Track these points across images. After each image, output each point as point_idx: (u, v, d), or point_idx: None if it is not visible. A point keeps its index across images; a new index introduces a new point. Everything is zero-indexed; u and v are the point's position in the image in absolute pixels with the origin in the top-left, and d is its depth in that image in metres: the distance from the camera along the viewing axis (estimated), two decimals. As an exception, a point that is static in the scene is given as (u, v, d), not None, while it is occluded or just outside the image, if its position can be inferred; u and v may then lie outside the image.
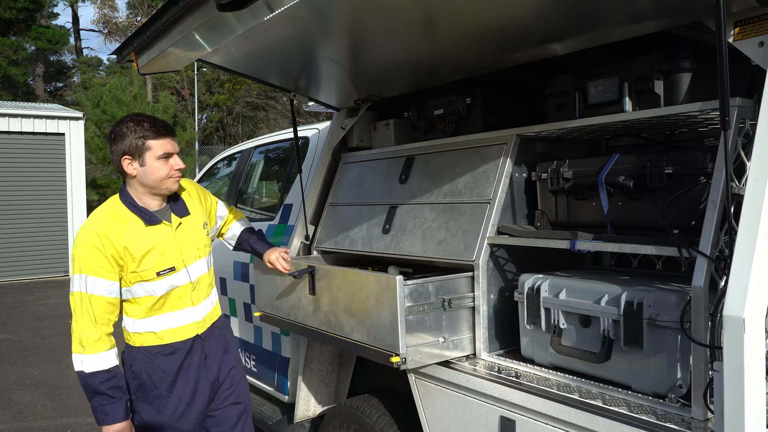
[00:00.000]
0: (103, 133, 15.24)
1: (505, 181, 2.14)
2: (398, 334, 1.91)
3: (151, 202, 2.18)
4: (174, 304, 2.19)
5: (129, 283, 2.11)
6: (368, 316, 2.05)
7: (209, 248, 2.38)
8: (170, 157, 2.15)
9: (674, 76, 1.79)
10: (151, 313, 2.16)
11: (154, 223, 2.16)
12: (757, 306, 1.27)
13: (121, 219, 2.12)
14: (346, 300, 2.17)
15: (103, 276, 2.06)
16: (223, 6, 1.60)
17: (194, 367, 2.23)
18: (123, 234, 2.08)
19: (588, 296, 1.80)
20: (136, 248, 2.09)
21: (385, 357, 1.96)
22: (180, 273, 2.19)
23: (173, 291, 2.19)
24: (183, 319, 2.21)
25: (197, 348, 2.25)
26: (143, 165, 2.11)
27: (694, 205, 1.67)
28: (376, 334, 2.01)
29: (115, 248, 2.06)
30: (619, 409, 1.58)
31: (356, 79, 2.75)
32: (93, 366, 2.03)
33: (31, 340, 7.01)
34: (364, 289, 2.07)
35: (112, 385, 2.06)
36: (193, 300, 2.25)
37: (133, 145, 2.09)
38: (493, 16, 1.90)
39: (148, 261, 2.11)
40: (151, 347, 2.17)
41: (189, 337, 2.22)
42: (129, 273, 2.10)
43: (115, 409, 2.06)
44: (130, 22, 28.69)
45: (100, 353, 2.04)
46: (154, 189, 2.16)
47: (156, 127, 2.13)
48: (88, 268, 2.05)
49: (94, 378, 2.03)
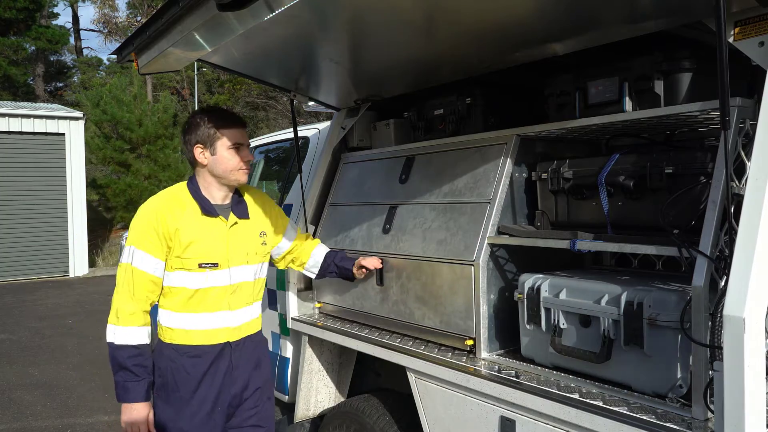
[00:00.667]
0: (103, 133, 15.25)
1: (505, 181, 2.14)
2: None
3: (216, 194, 2.20)
4: (210, 305, 2.15)
5: (170, 268, 2.11)
6: (441, 303, 2.20)
7: (261, 259, 2.31)
8: (240, 147, 2.17)
9: (674, 76, 1.79)
10: (186, 309, 2.13)
11: (210, 214, 2.16)
12: (757, 306, 1.27)
13: (181, 203, 2.15)
14: (418, 289, 2.30)
15: (151, 252, 2.07)
16: (223, 6, 1.60)
17: (220, 374, 2.17)
18: (178, 217, 2.10)
19: (588, 296, 1.80)
20: (186, 233, 2.09)
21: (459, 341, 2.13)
22: (222, 272, 2.16)
23: (211, 290, 2.15)
24: (216, 322, 2.16)
25: (226, 355, 2.18)
26: (214, 154, 2.15)
27: (694, 205, 1.67)
28: (450, 320, 2.16)
29: (167, 228, 2.07)
30: (619, 409, 1.58)
31: (356, 79, 2.75)
32: (123, 339, 2.03)
33: (31, 340, 7.01)
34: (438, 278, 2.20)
35: (137, 362, 2.04)
36: (231, 304, 2.19)
37: (206, 134, 2.14)
38: (494, 15, 1.90)
39: (194, 249, 2.10)
40: (180, 346, 2.14)
41: (219, 342, 2.17)
42: (173, 257, 2.10)
43: (137, 387, 2.04)
44: (130, 22, 28.68)
45: (133, 327, 2.04)
46: (223, 179, 2.18)
47: (227, 118, 2.18)
48: (138, 241, 2.08)
49: (122, 351, 2.02)
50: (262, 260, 2.32)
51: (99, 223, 15.71)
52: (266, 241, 2.33)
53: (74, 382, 5.42)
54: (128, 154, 15.14)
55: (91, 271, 12.55)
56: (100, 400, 4.93)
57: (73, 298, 9.74)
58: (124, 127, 14.98)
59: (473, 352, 2.09)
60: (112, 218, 15.90)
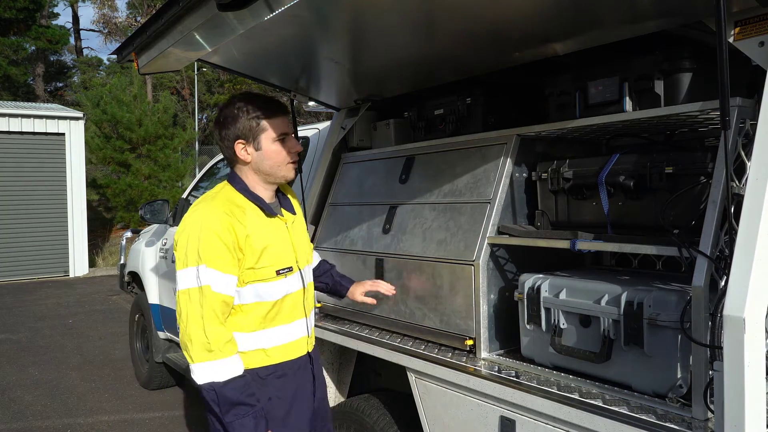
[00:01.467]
0: (103, 133, 15.25)
1: (505, 181, 2.14)
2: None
3: (264, 193, 1.92)
4: (287, 315, 1.89)
5: (242, 283, 1.81)
6: (441, 303, 2.19)
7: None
8: (286, 138, 1.89)
9: (674, 76, 1.79)
10: (264, 325, 1.85)
11: (271, 214, 1.90)
12: (757, 306, 1.27)
13: (239, 206, 1.84)
14: (418, 289, 2.29)
15: (224, 269, 1.75)
16: (223, 6, 1.60)
17: (308, 392, 1.93)
18: (244, 221, 1.80)
19: (588, 296, 1.80)
20: (257, 240, 1.81)
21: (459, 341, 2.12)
22: (295, 275, 1.92)
23: (287, 298, 1.89)
24: (294, 333, 1.91)
25: (307, 368, 1.95)
26: (259, 149, 1.86)
27: (694, 205, 1.67)
28: (450, 320, 2.16)
29: (237, 236, 1.76)
30: (619, 409, 1.58)
31: (356, 79, 2.75)
32: (228, 372, 1.71)
33: (31, 340, 7.01)
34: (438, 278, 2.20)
35: (249, 392, 1.74)
36: (306, 310, 1.95)
37: (247, 126, 1.85)
38: (494, 15, 1.90)
39: (268, 257, 1.83)
40: (261, 369, 1.84)
41: (300, 355, 1.93)
42: (245, 270, 1.80)
43: (257, 416, 1.74)
44: (130, 22, 28.68)
45: (234, 356, 1.74)
46: (269, 176, 1.90)
47: (269, 105, 1.88)
48: (209, 259, 1.73)
49: (230, 386, 1.70)
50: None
51: (99, 223, 15.71)
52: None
53: (74, 382, 5.42)
54: (128, 154, 15.14)
55: (91, 271, 12.55)
56: (100, 400, 4.93)
57: (73, 298, 9.74)
58: (124, 127, 14.98)
59: (473, 352, 2.09)
60: (112, 218, 15.90)
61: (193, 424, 4.38)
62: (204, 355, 1.71)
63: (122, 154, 15.07)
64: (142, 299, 5.09)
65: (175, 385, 5.15)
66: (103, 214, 16.48)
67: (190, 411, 4.65)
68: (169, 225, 4.79)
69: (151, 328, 4.90)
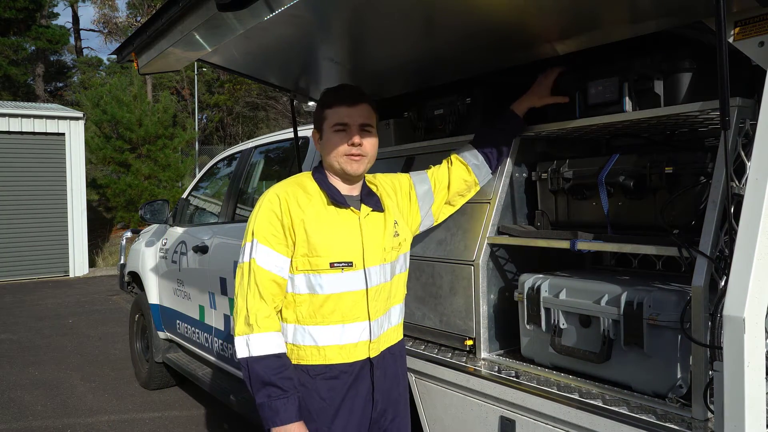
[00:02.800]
0: (103, 133, 15.26)
1: (505, 181, 2.14)
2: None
3: (339, 184, 1.86)
4: (345, 314, 1.78)
5: (295, 270, 1.76)
6: (441, 303, 2.18)
7: (398, 253, 1.93)
8: (347, 129, 1.80)
9: (674, 76, 1.79)
10: (316, 321, 1.77)
11: (339, 204, 1.81)
12: (757, 306, 1.27)
13: (307, 190, 1.82)
14: (418, 289, 2.27)
15: (276, 248, 1.74)
16: (223, 6, 1.60)
17: (360, 399, 1.81)
18: (305, 205, 1.78)
19: (588, 296, 1.80)
20: (313, 226, 1.76)
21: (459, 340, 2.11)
22: (356, 273, 1.79)
23: (345, 296, 1.78)
24: (353, 335, 1.79)
25: (365, 375, 1.82)
26: (322, 138, 1.86)
27: (694, 205, 1.67)
28: (450, 320, 2.15)
29: (292, 218, 1.75)
30: (619, 409, 1.58)
31: (356, 79, 2.74)
32: (262, 348, 1.67)
33: (31, 340, 7.01)
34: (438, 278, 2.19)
35: (283, 375, 1.67)
36: (370, 313, 1.81)
37: (317, 116, 1.88)
38: (494, 15, 1.90)
39: (323, 246, 1.75)
40: (311, 366, 1.77)
41: (358, 359, 1.80)
42: (298, 255, 1.75)
43: (287, 405, 1.66)
44: (130, 22, 28.68)
45: (271, 332, 1.70)
46: (330, 168, 1.85)
47: (337, 94, 1.86)
48: (260, 235, 1.74)
49: (262, 364, 1.66)
50: (398, 254, 1.94)
51: (99, 223, 15.71)
52: (399, 230, 1.94)
53: (74, 382, 5.42)
54: (128, 154, 15.15)
55: (91, 271, 12.55)
56: (100, 400, 4.93)
57: (73, 298, 9.74)
58: (124, 127, 14.99)
59: (473, 353, 2.09)
60: (112, 218, 15.90)
61: (193, 424, 4.38)
62: (243, 329, 1.70)
63: (122, 154, 15.08)
64: (142, 299, 5.09)
65: (175, 385, 5.15)
66: (103, 214, 16.48)
67: (190, 411, 4.65)
68: (169, 225, 4.79)
69: (151, 328, 4.90)
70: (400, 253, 1.95)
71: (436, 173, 2.12)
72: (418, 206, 2.06)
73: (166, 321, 4.75)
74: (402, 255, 1.96)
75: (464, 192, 2.13)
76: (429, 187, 2.09)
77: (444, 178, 2.10)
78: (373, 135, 1.86)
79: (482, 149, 2.10)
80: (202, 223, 4.57)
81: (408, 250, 2.02)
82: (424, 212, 2.08)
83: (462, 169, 2.10)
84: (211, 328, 3.99)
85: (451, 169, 2.11)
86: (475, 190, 2.15)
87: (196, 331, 4.22)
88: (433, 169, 2.14)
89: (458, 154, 2.13)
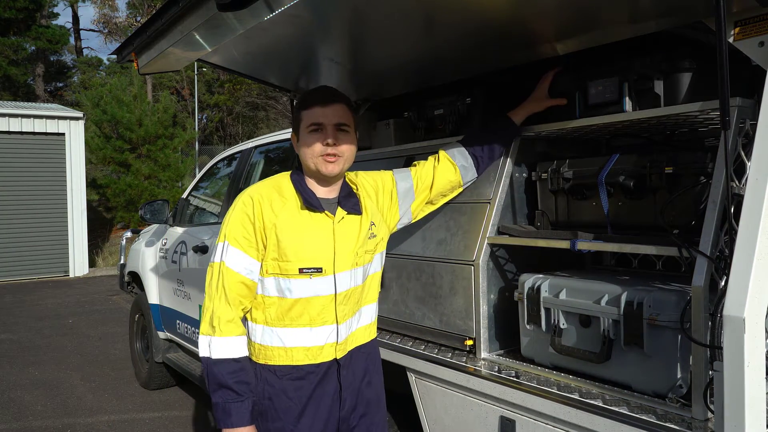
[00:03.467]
0: (103, 133, 15.26)
1: (505, 181, 2.14)
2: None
3: (316, 188, 1.86)
4: (313, 317, 1.80)
5: (265, 273, 1.78)
6: (441, 303, 2.18)
7: (372, 256, 1.92)
8: (321, 129, 1.79)
9: (674, 76, 1.79)
10: (284, 323, 1.80)
11: (313, 208, 1.81)
12: (757, 306, 1.27)
13: (282, 193, 1.82)
14: (418, 289, 2.27)
15: (246, 250, 1.75)
16: (223, 6, 1.61)
17: (327, 399, 1.84)
18: (278, 209, 1.78)
19: (588, 296, 1.80)
20: (285, 231, 1.76)
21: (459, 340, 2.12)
22: (325, 279, 1.79)
23: (313, 300, 1.79)
24: (320, 338, 1.81)
25: (332, 375, 1.85)
26: (299, 140, 1.85)
27: (694, 205, 1.67)
28: (450, 320, 2.16)
29: (264, 222, 1.76)
30: (619, 409, 1.58)
31: (356, 79, 2.75)
32: (221, 352, 1.72)
33: (31, 340, 7.01)
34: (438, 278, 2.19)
35: (239, 378, 1.72)
36: (338, 316, 1.83)
37: (294, 118, 1.88)
38: (494, 15, 1.90)
39: (293, 251, 1.76)
40: (278, 367, 1.80)
41: (325, 360, 1.83)
42: (269, 259, 1.77)
43: (240, 409, 1.71)
44: (130, 22, 28.69)
45: (231, 337, 1.73)
46: (307, 169, 1.84)
47: (312, 95, 1.86)
48: (232, 236, 1.76)
49: (220, 367, 1.71)
50: (372, 257, 1.93)
51: (99, 223, 15.72)
52: (375, 231, 1.93)
53: (74, 382, 5.42)
54: (128, 154, 15.15)
55: (91, 271, 12.56)
56: (100, 400, 4.93)
57: (73, 298, 9.74)
58: (124, 127, 15.00)
59: (473, 353, 2.09)
60: (112, 218, 15.91)
61: (193, 424, 4.38)
62: (207, 329, 1.75)
63: (122, 154, 15.09)
64: (142, 299, 5.09)
65: (175, 385, 5.15)
66: (103, 214, 16.49)
67: (190, 411, 4.65)
68: (169, 225, 4.79)
69: (151, 328, 4.90)
70: (376, 253, 1.95)
71: (420, 171, 2.10)
72: (398, 205, 2.05)
73: (166, 321, 4.75)
74: (377, 255, 1.97)
75: (447, 192, 2.13)
76: (411, 185, 2.07)
77: (428, 177, 2.08)
78: (349, 135, 1.84)
79: (473, 151, 2.10)
80: (202, 223, 4.57)
81: (384, 249, 2.02)
82: (403, 211, 2.07)
83: (449, 169, 2.09)
84: (211, 328, 3.98)
85: (437, 167, 2.09)
86: (457, 191, 2.15)
87: (196, 331, 4.22)
88: (417, 166, 2.12)
89: (448, 154, 2.11)
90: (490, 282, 2.09)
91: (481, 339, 2.07)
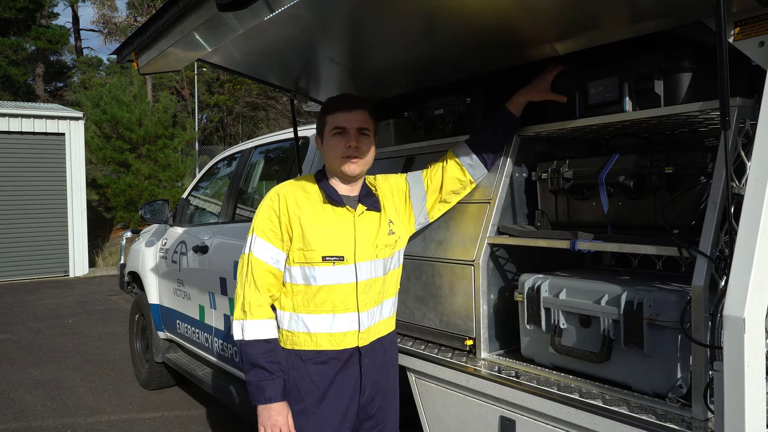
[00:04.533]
0: (103, 133, 15.26)
1: (505, 181, 2.14)
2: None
3: (339, 186, 2.01)
4: (336, 304, 1.93)
5: (292, 262, 1.93)
6: (441, 303, 2.19)
7: (392, 251, 2.05)
8: (344, 132, 1.95)
9: (674, 76, 1.79)
10: (309, 309, 1.94)
11: (335, 202, 1.97)
12: (757, 306, 1.27)
13: (306, 190, 2.00)
14: (418, 289, 2.29)
15: (271, 241, 1.92)
16: (223, 6, 1.61)
17: (348, 384, 1.96)
18: (302, 203, 1.95)
19: (588, 296, 1.80)
20: (309, 222, 1.92)
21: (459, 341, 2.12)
22: (347, 267, 1.93)
23: (336, 288, 1.93)
24: (343, 325, 1.94)
25: (354, 363, 1.97)
26: (323, 143, 2.01)
27: (694, 205, 1.67)
28: (450, 320, 2.16)
29: (289, 215, 1.92)
30: (619, 409, 1.58)
31: (356, 79, 2.75)
32: (253, 333, 1.88)
33: (31, 340, 7.01)
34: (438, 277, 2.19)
35: (271, 358, 1.88)
36: (360, 305, 1.96)
37: (319, 122, 2.04)
38: (494, 16, 1.90)
39: (317, 241, 1.91)
40: (303, 351, 1.94)
41: (347, 347, 1.95)
42: (295, 249, 1.92)
43: (273, 386, 1.86)
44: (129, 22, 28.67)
45: (262, 320, 1.89)
46: (331, 170, 2.01)
47: (337, 101, 2.04)
48: (259, 229, 1.94)
49: (253, 347, 1.87)
50: (392, 252, 2.06)
51: (99, 223, 15.72)
52: (394, 228, 2.06)
53: (74, 382, 5.42)
54: (128, 154, 15.15)
55: (91, 271, 12.55)
56: (100, 400, 4.93)
57: (73, 298, 9.74)
58: (124, 127, 14.99)
59: (473, 352, 2.09)
60: (112, 218, 15.91)
61: (193, 424, 4.38)
62: (239, 314, 1.91)
63: (122, 154, 15.08)
64: (142, 299, 5.09)
65: (175, 385, 5.15)
66: (103, 214, 16.49)
67: (190, 411, 4.65)
68: (169, 225, 4.79)
69: (151, 328, 4.90)
70: (395, 250, 2.08)
71: (430, 174, 2.21)
72: (411, 206, 2.19)
73: (166, 321, 4.75)
74: (397, 252, 2.10)
75: (459, 190, 2.21)
76: (422, 188, 2.20)
77: (437, 179, 2.19)
78: (370, 139, 2.00)
79: (476, 149, 2.16)
80: (202, 223, 4.57)
81: (403, 247, 2.15)
82: (418, 211, 2.20)
83: (456, 169, 2.17)
84: (211, 328, 3.99)
85: (446, 168, 2.19)
86: (470, 188, 2.21)
87: (196, 331, 4.22)
88: (428, 169, 2.23)
89: (453, 154, 2.20)
90: (490, 282, 2.09)
91: (481, 339, 2.07)
